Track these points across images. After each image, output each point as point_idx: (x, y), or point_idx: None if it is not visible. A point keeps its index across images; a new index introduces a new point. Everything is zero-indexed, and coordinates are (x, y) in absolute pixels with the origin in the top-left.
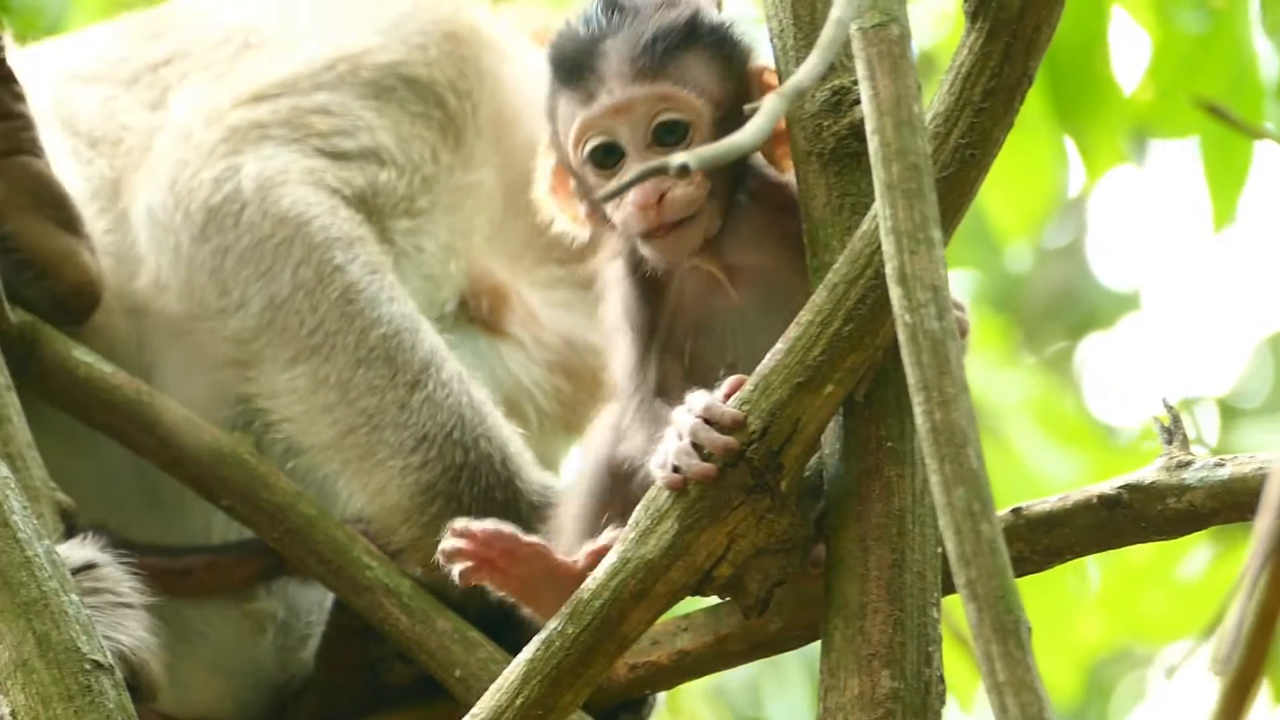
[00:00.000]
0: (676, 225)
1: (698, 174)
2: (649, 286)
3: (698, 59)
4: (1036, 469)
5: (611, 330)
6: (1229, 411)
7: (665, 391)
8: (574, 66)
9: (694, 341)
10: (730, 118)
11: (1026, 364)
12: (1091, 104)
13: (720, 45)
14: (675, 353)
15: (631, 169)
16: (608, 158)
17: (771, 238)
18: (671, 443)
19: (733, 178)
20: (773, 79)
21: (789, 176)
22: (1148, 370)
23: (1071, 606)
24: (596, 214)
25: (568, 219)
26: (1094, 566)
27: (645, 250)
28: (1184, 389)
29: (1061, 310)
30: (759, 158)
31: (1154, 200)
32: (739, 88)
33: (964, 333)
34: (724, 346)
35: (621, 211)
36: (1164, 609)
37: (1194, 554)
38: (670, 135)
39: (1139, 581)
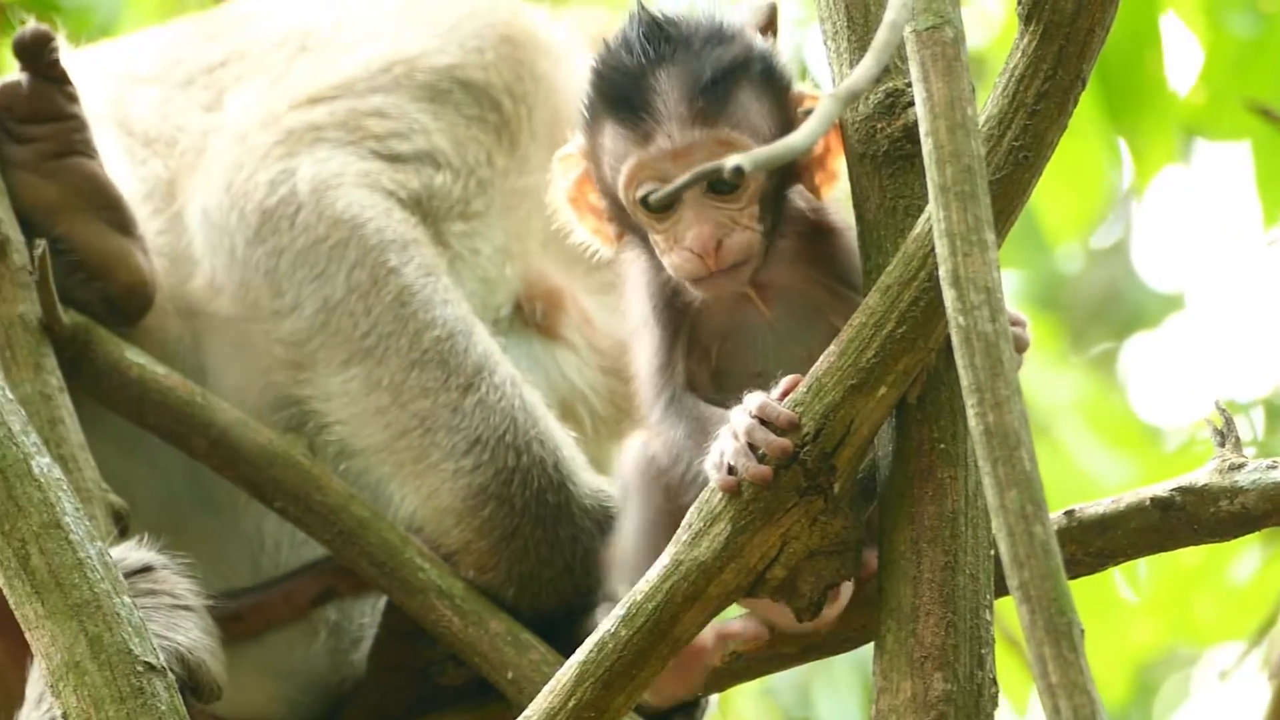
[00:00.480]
0: (729, 269)
1: (751, 210)
2: (675, 290)
3: (750, 96)
4: (1085, 470)
5: (638, 324)
6: (1274, 412)
7: (693, 387)
8: (625, 100)
9: (721, 346)
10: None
11: (1073, 364)
12: (1142, 105)
13: (768, 77)
14: (701, 355)
15: (685, 214)
16: (661, 206)
17: (803, 258)
18: (727, 443)
19: (777, 213)
20: (813, 104)
21: (819, 204)
22: (1192, 371)
23: (1121, 608)
24: (628, 238)
25: (586, 230)
26: (1143, 568)
27: (691, 289)
28: (1230, 390)
29: (1107, 310)
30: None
31: (1200, 200)
32: (785, 117)
33: (1023, 349)
34: (753, 356)
35: (675, 256)
36: (1213, 611)
37: (1244, 556)
38: (725, 183)
39: (1189, 584)
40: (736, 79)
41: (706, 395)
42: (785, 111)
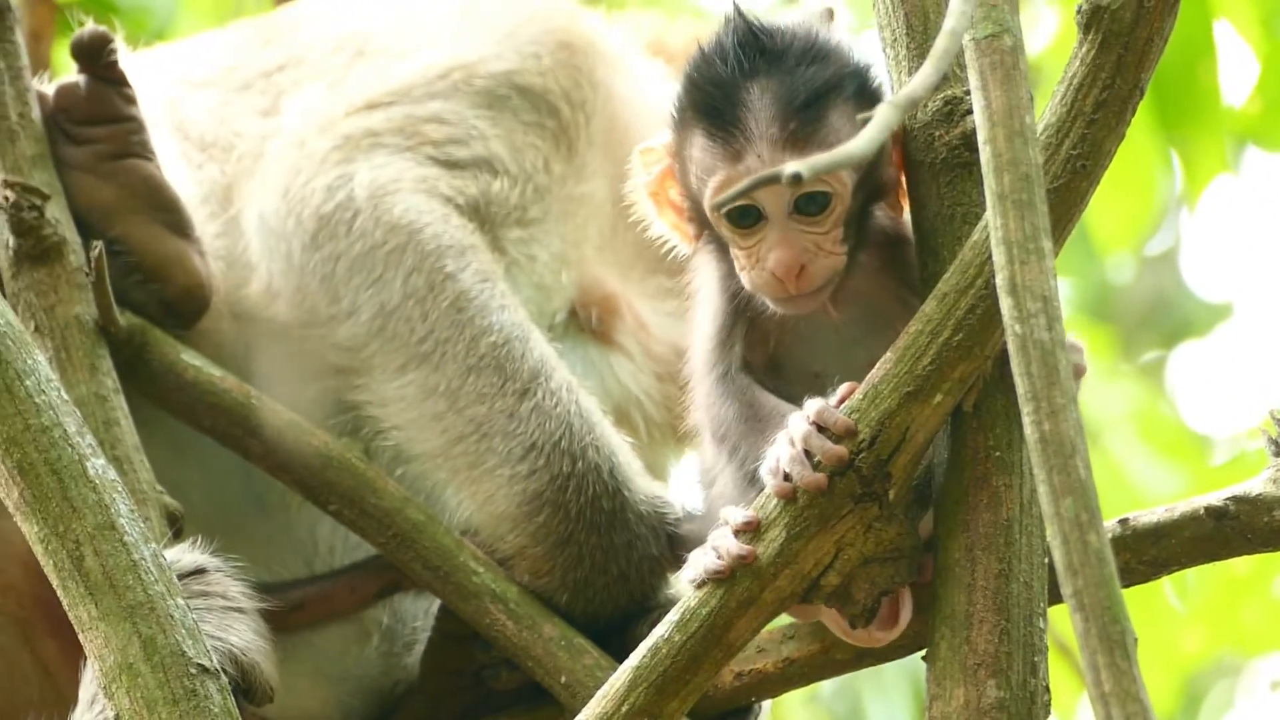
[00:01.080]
0: (810, 294)
1: (835, 234)
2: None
3: (843, 117)
4: (1134, 479)
5: (701, 294)
6: None
7: (751, 368)
8: (717, 113)
9: (781, 338)
10: (868, 177)
11: (1123, 372)
12: (1195, 115)
13: (861, 94)
14: (760, 342)
15: (770, 234)
16: (744, 219)
17: (876, 266)
18: (783, 449)
19: (861, 232)
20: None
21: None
22: (1241, 380)
23: (1171, 617)
24: (707, 239)
25: (663, 225)
26: (1191, 577)
27: (770, 303)
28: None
29: (1156, 319)
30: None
31: (1250, 209)
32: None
33: (1080, 375)
34: (813, 355)
35: (756, 274)
36: (1261, 620)
37: None
38: (812, 205)
39: (1237, 593)
40: (830, 100)
41: (760, 380)
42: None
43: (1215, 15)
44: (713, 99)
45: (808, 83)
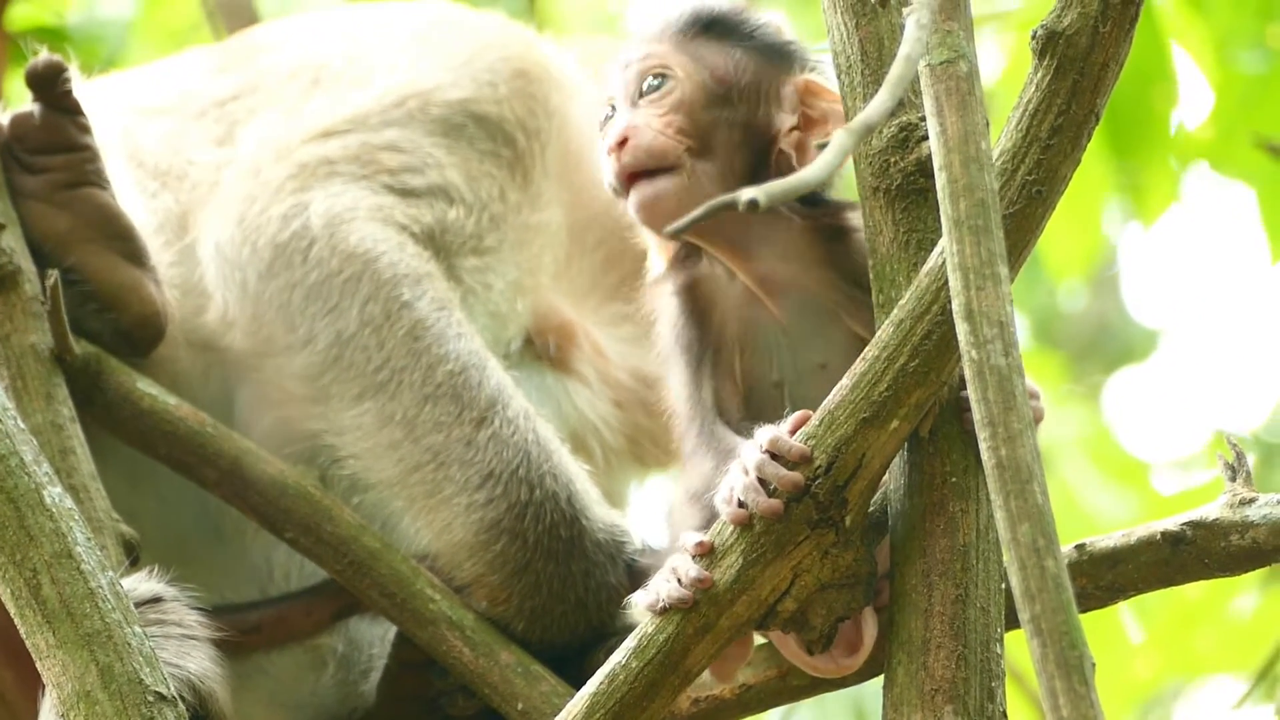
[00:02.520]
0: (650, 176)
1: (671, 120)
2: (696, 304)
3: (712, 40)
4: (1085, 503)
5: (665, 355)
6: (1265, 448)
7: (723, 412)
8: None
9: (742, 359)
10: (740, 100)
11: (1072, 397)
12: (1148, 143)
13: (751, 42)
14: (727, 371)
15: (616, 121)
16: (605, 120)
17: (814, 256)
18: (737, 477)
19: (748, 160)
20: (817, 91)
21: (847, 203)
22: (1180, 405)
23: (1124, 642)
24: (657, 283)
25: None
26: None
27: (630, 211)
28: (1219, 424)
29: (1099, 344)
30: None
31: (1194, 234)
32: (758, 83)
33: (1038, 420)
34: (771, 363)
35: (604, 166)
36: (1215, 646)
37: (1246, 591)
38: (653, 87)
39: (1191, 618)
40: (705, 21)
41: (736, 423)
42: (763, 78)
43: (1169, 40)
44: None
45: (701, 11)
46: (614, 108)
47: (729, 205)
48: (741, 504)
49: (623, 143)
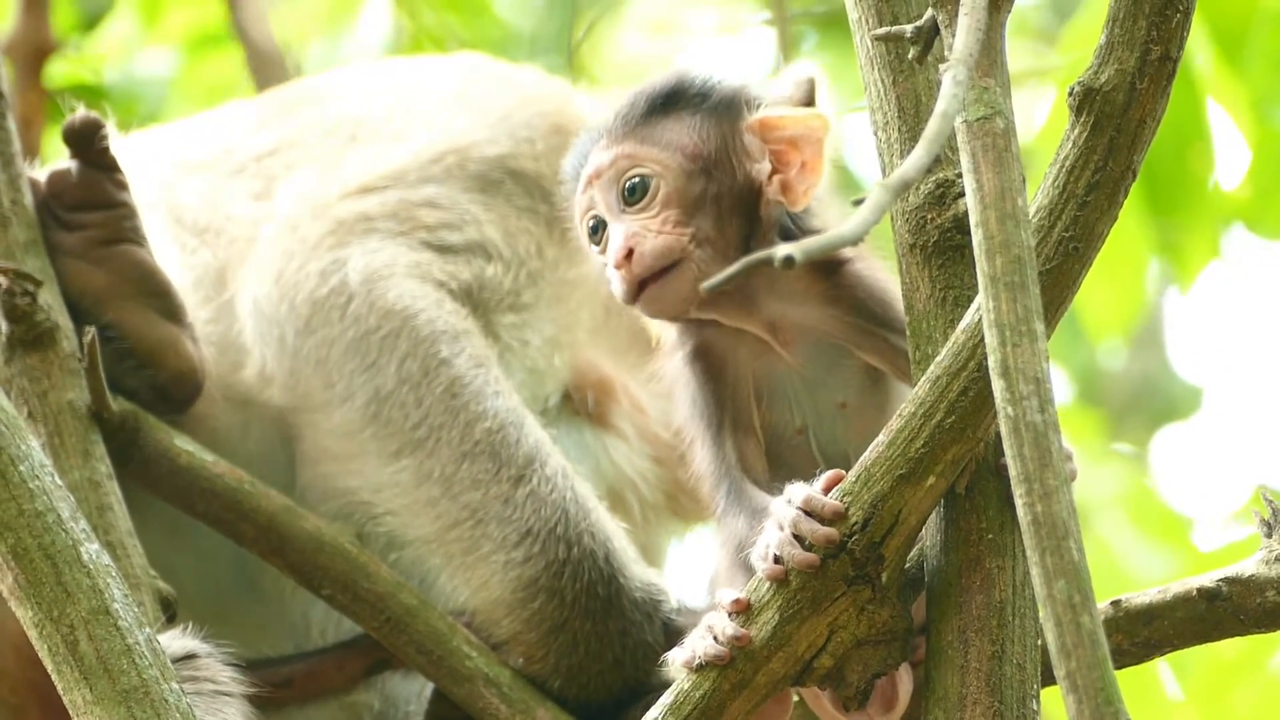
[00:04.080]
0: (659, 276)
1: (666, 216)
2: (709, 367)
3: (669, 119)
4: (1124, 561)
5: (686, 424)
6: None
7: (749, 470)
8: (574, 164)
9: (761, 411)
10: (716, 168)
11: (1114, 454)
12: (1187, 201)
13: (702, 102)
14: (747, 428)
15: (613, 234)
16: (595, 234)
17: (815, 294)
18: (773, 534)
19: (741, 223)
20: (773, 124)
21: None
22: (1220, 462)
23: (1163, 701)
24: (672, 350)
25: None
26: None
27: (641, 312)
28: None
29: (1142, 402)
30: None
31: (1236, 292)
32: (724, 139)
33: (1072, 479)
34: (790, 411)
35: (609, 279)
36: (1255, 704)
37: None
38: (633, 195)
39: (1230, 676)
40: (654, 102)
41: (763, 481)
42: (726, 133)
43: (1205, 98)
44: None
45: (637, 95)
46: (598, 220)
47: (764, 262)
48: (778, 559)
49: (629, 253)
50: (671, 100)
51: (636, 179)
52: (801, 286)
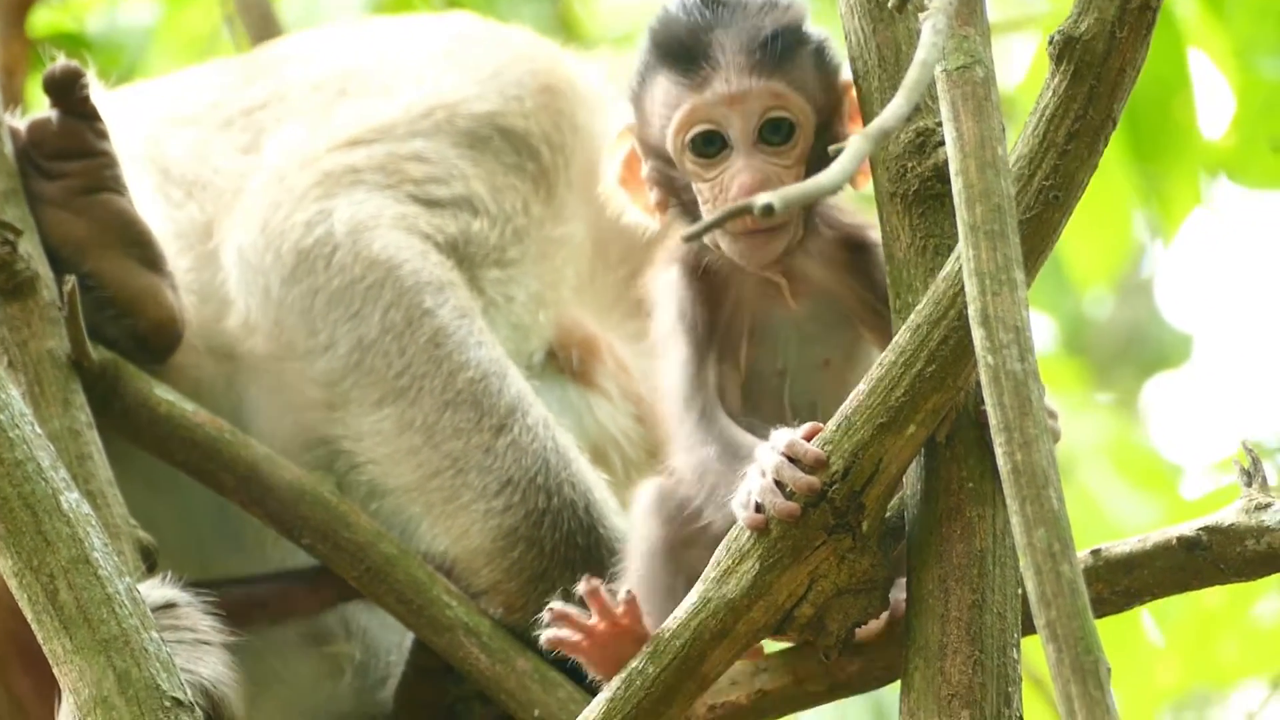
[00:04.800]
0: (768, 229)
1: (796, 173)
2: (709, 289)
3: (805, 63)
4: (1109, 510)
5: (666, 336)
6: None
7: (724, 397)
8: (683, 51)
9: (749, 346)
10: (824, 128)
11: (1097, 403)
12: (1171, 150)
13: (821, 55)
14: (732, 357)
15: (735, 161)
16: (709, 146)
17: (840, 261)
18: (754, 480)
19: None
20: (849, 87)
21: (862, 216)
22: (1210, 411)
23: (1145, 649)
24: (671, 202)
25: (638, 209)
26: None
27: (729, 249)
28: (1250, 430)
29: (1131, 351)
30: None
31: (1223, 241)
32: (832, 100)
33: (1056, 439)
34: (775, 353)
35: (718, 207)
36: (1237, 652)
37: (1268, 597)
38: (776, 134)
39: (1212, 625)
40: (795, 40)
41: (736, 413)
42: (833, 93)
43: (1189, 47)
44: (677, 41)
45: (770, 21)
46: (716, 136)
47: (744, 211)
48: (759, 508)
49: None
50: (802, 43)
51: (782, 119)
52: (831, 251)
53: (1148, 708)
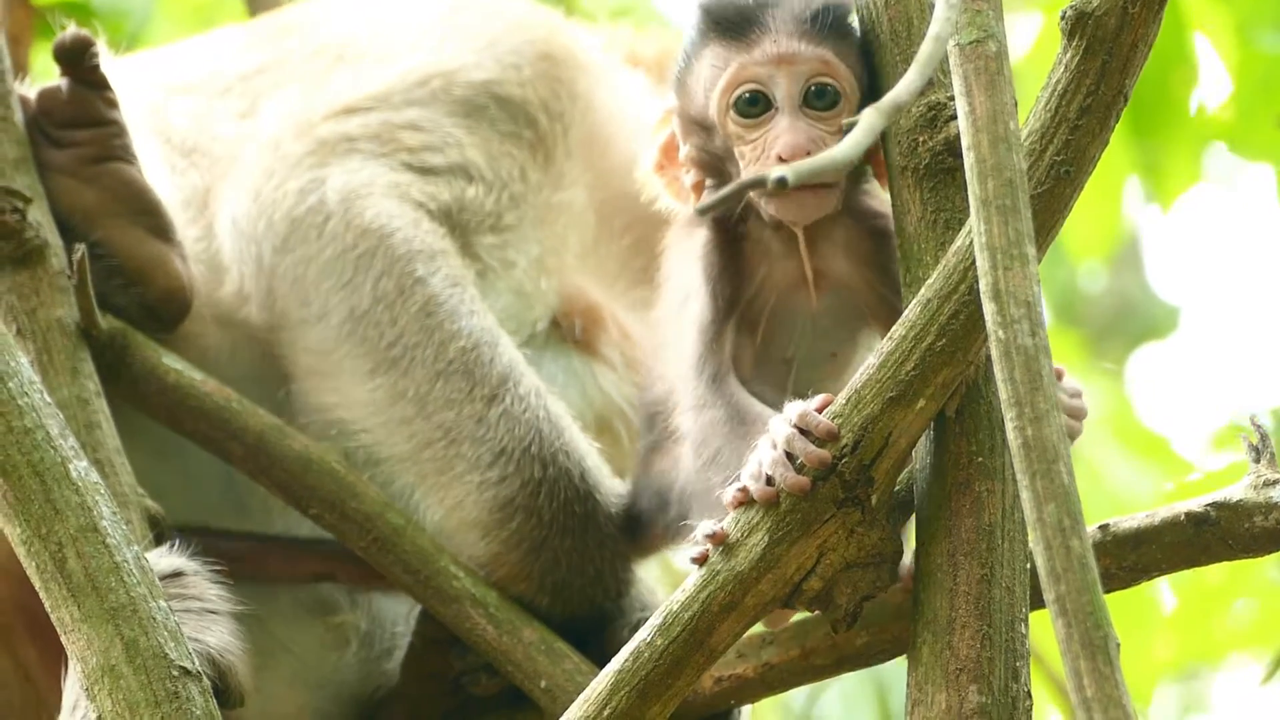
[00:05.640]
0: (814, 188)
1: (839, 137)
2: (739, 261)
3: (852, 43)
4: (1110, 482)
5: (686, 296)
6: None
7: (738, 366)
8: (736, 18)
9: (767, 325)
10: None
11: (1101, 372)
12: (1169, 124)
13: (866, 47)
14: (750, 331)
15: (779, 122)
16: (753, 106)
17: (860, 253)
18: (765, 452)
19: (854, 172)
20: None
21: (888, 205)
22: (1201, 383)
23: (1147, 623)
24: (708, 184)
25: (672, 195)
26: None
27: (770, 207)
28: (1240, 402)
29: (1122, 322)
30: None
31: (1216, 213)
32: (869, 83)
33: (1080, 418)
34: (788, 341)
35: (762, 165)
36: (1238, 627)
37: (1271, 572)
38: (821, 99)
39: (1214, 600)
40: (844, 18)
41: (746, 381)
42: (870, 77)
43: (1190, 24)
44: (734, 12)
45: (834, 5)
46: (762, 97)
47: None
48: (769, 481)
49: (805, 155)
50: (851, 26)
51: (828, 85)
52: (855, 241)
53: (1147, 681)
